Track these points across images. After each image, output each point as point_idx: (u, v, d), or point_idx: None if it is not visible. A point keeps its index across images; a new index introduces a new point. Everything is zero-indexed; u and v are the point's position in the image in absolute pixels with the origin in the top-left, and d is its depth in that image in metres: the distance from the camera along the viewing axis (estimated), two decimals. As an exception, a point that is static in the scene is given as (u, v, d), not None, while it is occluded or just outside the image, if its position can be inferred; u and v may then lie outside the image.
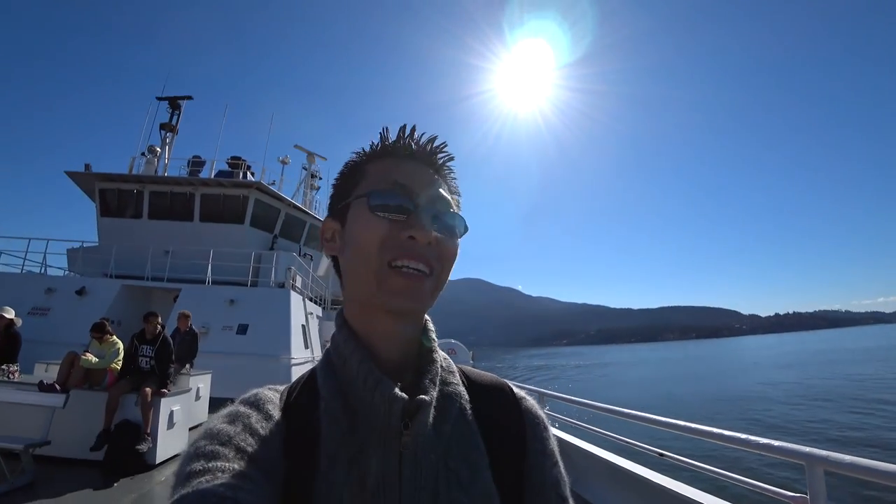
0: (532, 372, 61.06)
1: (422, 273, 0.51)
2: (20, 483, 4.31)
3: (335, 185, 0.62)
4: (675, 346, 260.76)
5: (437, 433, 0.51)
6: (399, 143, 0.58)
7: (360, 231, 0.53)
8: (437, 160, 0.60)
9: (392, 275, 0.50)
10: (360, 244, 0.53)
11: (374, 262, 0.51)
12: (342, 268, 0.59)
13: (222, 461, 0.42)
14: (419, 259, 0.51)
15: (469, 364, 0.70)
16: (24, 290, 11.22)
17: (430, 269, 0.52)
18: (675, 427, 2.85)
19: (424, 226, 0.52)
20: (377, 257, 0.51)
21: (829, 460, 1.99)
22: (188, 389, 6.36)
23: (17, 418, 5.09)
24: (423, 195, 0.55)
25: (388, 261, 0.50)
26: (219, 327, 10.56)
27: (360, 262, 0.52)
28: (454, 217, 0.57)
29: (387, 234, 0.51)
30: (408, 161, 0.58)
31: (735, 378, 38.24)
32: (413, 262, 0.51)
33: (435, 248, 0.52)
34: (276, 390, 0.57)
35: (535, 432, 0.59)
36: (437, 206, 0.55)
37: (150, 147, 16.10)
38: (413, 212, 0.53)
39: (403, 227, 0.52)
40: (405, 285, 0.50)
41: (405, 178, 0.55)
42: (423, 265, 0.51)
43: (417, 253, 0.51)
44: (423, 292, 0.52)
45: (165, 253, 12.54)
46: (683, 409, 21.87)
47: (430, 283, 0.53)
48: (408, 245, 0.51)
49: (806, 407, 21.23)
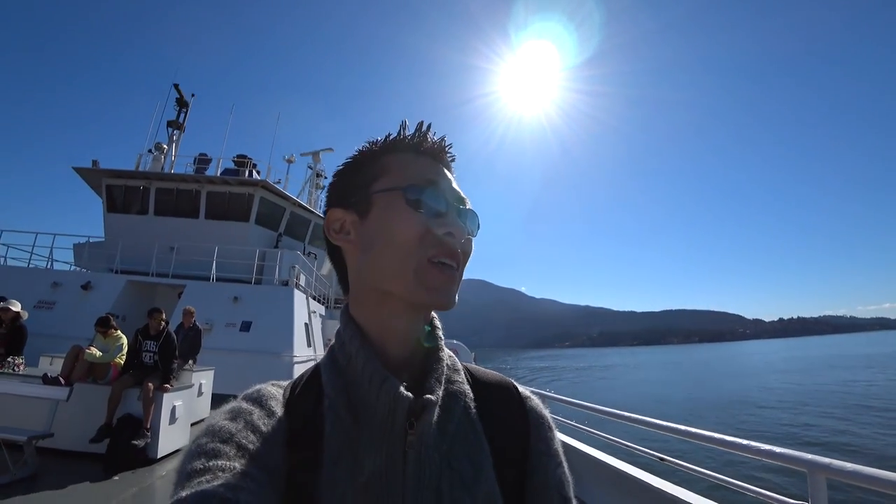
0: (534, 373, 61.00)
1: (454, 269, 0.53)
2: (23, 474, 4.34)
3: (344, 175, 0.60)
4: (678, 350, 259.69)
5: (442, 432, 0.51)
6: (416, 138, 0.58)
7: (397, 225, 0.52)
8: (447, 160, 0.61)
9: (431, 270, 0.51)
10: (396, 238, 0.52)
11: (413, 257, 0.51)
12: (356, 262, 0.57)
13: (223, 459, 0.42)
14: (454, 256, 0.52)
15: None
16: (30, 283, 11.31)
17: (458, 267, 0.53)
18: (675, 431, 2.84)
19: (461, 224, 0.53)
20: (416, 253, 0.51)
21: (832, 468, 1.98)
22: (190, 385, 6.40)
23: (21, 410, 5.12)
24: (451, 193, 0.56)
25: (428, 257, 0.51)
26: (222, 324, 10.61)
27: (394, 256, 0.52)
28: (474, 216, 0.58)
29: (426, 229, 0.51)
30: (427, 158, 0.58)
31: (734, 382, 38.07)
32: (449, 259, 0.52)
33: (463, 246, 0.54)
34: (279, 386, 0.56)
35: (539, 432, 0.59)
36: (463, 207, 0.57)
37: (157, 144, 16.23)
38: (448, 209, 0.54)
39: (441, 223, 0.52)
40: (444, 281, 0.51)
41: (436, 177, 0.56)
42: (456, 262, 0.53)
43: (453, 250, 0.52)
44: (455, 289, 0.53)
45: (171, 249, 12.60)
46: (682, 413, 21.80)
47: (458, 280, 0.54)
48: (444, 242, 0.52)
49: (797, 412, 21.15)
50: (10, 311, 6.18)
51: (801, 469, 2.08)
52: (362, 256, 0.56)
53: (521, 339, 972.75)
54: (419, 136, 0.58)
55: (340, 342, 0.56)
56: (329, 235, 0.59)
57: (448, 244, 0.52)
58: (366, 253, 0.55)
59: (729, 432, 3.00)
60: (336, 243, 0.59)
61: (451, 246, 0.52)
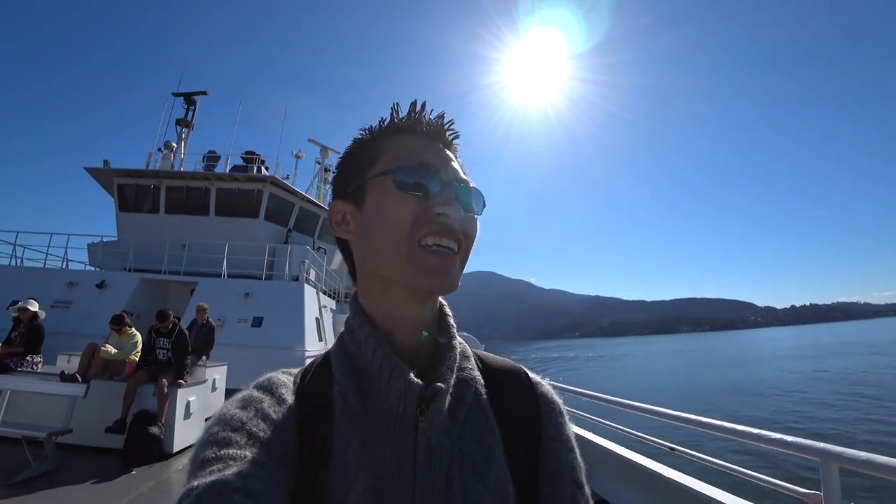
0: (545, 364, 61.03)
1: (452, 251, 0.51)
2: (43, 469, 4.46)
3: (342, 166, 0.60)
4: (687, 338, 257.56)
5: (452, 419, 0.51)
6: (411, 119, 0.57)
7: (388, 209, 0.51)
8: (447, 137, 0.59)
9: (424, 253, 0.50)
10: (388, 223, 0.51)
11: (404, 240, 0.50)
12: (359, 251, 0.57)
13: (234, 448, 0.43)
14: (451, 236, 0.51)
15: None
16: (46, 283, 11.50)
17: (458, 248, 0.52)
18: (685, 421, 2.83)
19: (454, 202, 0.51)
20: (408, 236, 0.50)
21: (844, 457, 1.96)
22: (204, 381, 6.50)
23: (40, 407, 5.25)
24: (445, 172, 0.54)
25: (419, 239, 0.50)
26: (234, 320, 10.72)
27: (388, 241, 0.51)
28: (475, 193, 0.56)
29: (417, 211, 0.50)
30: (422, 138, 0.57)
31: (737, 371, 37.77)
32: (445, 240, 0.50)
33: (461, 225, 0.52)
34: (289, 374, 0.57)
35: (550, 418, 0.59)
36: (460, 184, 0.54)
37: (167, 143, 16.33)
38: (441, 189, 0.52)
39: (433, 204, 0.51)
40: (438, 263, 0.50)
41: (428, 157, 0.54)
42: (454, 242, 0.51)
43: (448, 230, 0.50)
44: (455, 270, 0.51)
45: (182, 247, 12.72)
46: (687, 402, 21.69)
47: (458, 262, 0.52)
48: (438, 222, 0.50)
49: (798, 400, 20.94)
50: (28, 310, 6.30)
51: (814, 458, 2.06)
52: (362, 245, 0.56)
53: (531, 331, 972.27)
54: (413, 117, 0.57)
55: (349, 330, 0.56)
56: (332, 228, 0.59)
57: (442, 224, 0.50)
58: (364, 241, 0.55)
59: (736, 420, 2.98)
60: (339, 236, 0.59)
61: (445, 225, 0.50)
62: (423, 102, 0.58)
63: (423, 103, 0.58)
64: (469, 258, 0.56)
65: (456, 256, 0.52)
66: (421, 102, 0.58)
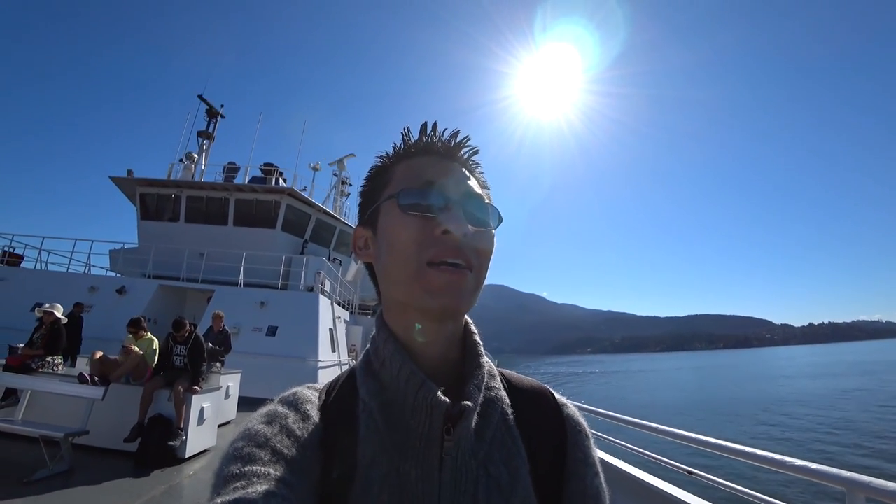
0: (558, 378, 60.09)
1: (461, 268, 0.49)
2: (59, 469, 4.52)
3: (362, 193, 0.61)
4: (701, 356, 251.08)
5: (479, 438, 0.50)
6: (422, 141, 0.57)
7: (394, 232, 0.51)
8: (462, 155, 0.59)
9: (431, 273, 0.48)
10: (395, 245, 0.51)
11: (412, 262, 0.49)
12: (378, 273, 0.58)
13: (258, 465, 0.42)
14: (457, 254, 0.49)
15: None
16: (69, 287, 11.78)
17: (469, 265, 0.50)
18: (705, 444, 2.75)
19: (459, 219, 0.50)
20: (415, 257, 0.49)
21: (872, 487, 1.88)
22: (218, 388, 6.55)
23: (59, 408, 5.35)
24: (453, 190, 0.53)
25: (427, 260, 0.48)
26: (249, 328, 10.82)
27: (397, 264, 0.51)
28: (487, 209, 0.54)
29: (421, 231, 0.50)
30: (434, 158, 0.57)
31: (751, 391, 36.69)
32: (451, 258, 0.48)
33: (471, 241, 0.50)
34: (314, 389, 0.56)
35: (576, 440, 0.58)
36: (469, 200, 0.53)
37: (188, 154, 16.75)
38: (445, 207, 0.51)
39: (437, 223, 0.50)
40: (446, 282, 0.48)
41: (434, 175, 0.54)
42: (462, 260, 0.49)
43: (454, 248, 0.49)
44: (465, 289, 0.49)
45: (200, 255, 12.93)
46: (714, 422, 21.10)
47: (471, 280, 0.50)
48: (444, 240, 0.49)
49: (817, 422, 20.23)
50: (53, 314, 6.48)
51: (840, 487, 1.99)
52: (377, 268, 0.57)
53: (543, 345, 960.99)
54: (424, 139, 0.57)
55: (374, 346, 0.55)
56: (355, 253, 0.60)
57: (447, 241, 0.49)
58: (378, 264, 0.56)
59: (758, 443, 2.88)
60: (361, 260, 0.60)
61: (450, 242, 0.49)
62: (434, 123, 0.58)
63: (434, 124, 0.58)
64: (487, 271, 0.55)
65: (466, 273, 0.49)
66: (432, 123, 0.58)
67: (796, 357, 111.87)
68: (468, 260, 0.50)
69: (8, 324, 9.98)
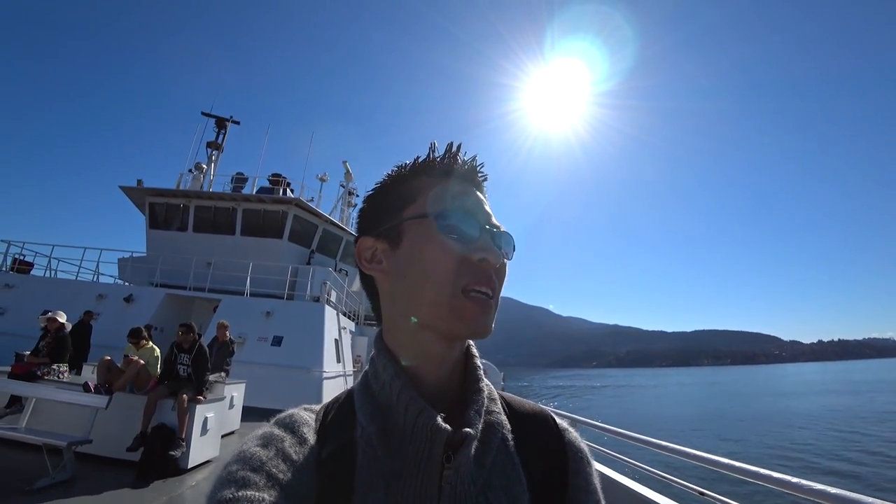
0: (558, 392, 59.50)
1: (489, 297, 0.50)
2: (61, 478, 4.49)
3: (373, 201, 0.58)
4: (710, 371, 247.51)
5: (479, 465, 0.49)
6: (446, 161, 0.57)
7: (430, 254, 0.50)
8: (479, 180, 0.59)
9: (466, 300, 0.48)
10: (430, 267, 0.50)
11: (448, 287, 0.48)
12: (390, 290, 0.55)
13: (252, 490, 0.41)
14: (490, 283, 0.50)
15: (500, 386, 0.67)
16: (77, 295, 11.88)
17: (495, 294, 0.51)
18: (718, 465, 2.68)
19: (494, 248, 0.51)
20: (453, 282, 0.48)
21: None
22: (223, 398, 6.52)
23: (63, 416, 5.34)
24: (485, 219, 0.53)
25: (462, 287, 0.48)
26: (255, 338, 10.82)
27: (428, 286, 0.50)
28: (511, 240, 0.55)
29: (460, 257, 0.49)
30: (458, 180, 0.56)
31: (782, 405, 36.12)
32: (485, 287, 0.49)
33: (499, 271, 0.52)
34: (311, 411, 0.55)
35: (577, 467, 0.56)
36: (498, 230, 0.54)
37: (197, 164, 17.00)
38: (480, 234, 0.51)
39: (475, 249, 0.50)
40: (479, 311, 0.49)
41: (466, 200, 0.54)
42: (491, 289, 0.50)
43: (488, 277, 0.50)
44: (491, 316, 0.50)
45: (207, 265, 13.02)
46: (730, 441, 20.73)
47: (493, 308, 0.51)
48: (480, 269, 0.50)
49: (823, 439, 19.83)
50: (56, 321, 6.50)
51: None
52: (396, 285, 0.54)
53: (548, 358, 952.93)
54: (449, 158, 0.57)
55: (374, 369, 0.54)
56: (361, 265, 0.57)
57: (483, 270, 0.50)
58: (399, 282, 0.53)
59: (775, 464, 2.81)
60: (368, 273, 0.57)
61: (486, 272, 0.50)
62: (459, 144, 0.58)
63: (459, 145, 0.58)
64: None
65: (492, 302, 0.51)
66: (457, 144, 0.58)
67: (805, 374, 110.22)
68: (495, 289, 0.51)
69: (17, 331, 10.06)
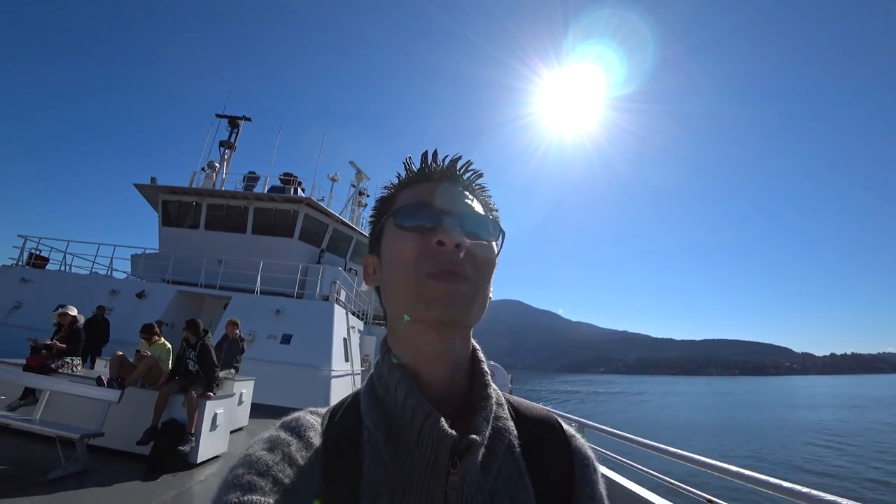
0: (569, 396, 59.09)
1: (458, 278, 0.49)
2: (74, 470, 4.57)
3: (370, 223, 0.63)
4: (715, 382, 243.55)
5: (485, 471, 0.49)
6: (424, 169, 0.59)
7: (393, 248, 0.53)
8: (464, 179, 0.60)
9: (429, 281, 0.48)
10: (395, 261, 0.52)
11: (411, 274, 0.50)
12: (382, 293, 0.58)
13: (258, 494, 0.41)
14: (450, 264, 0.49)
15: (507, 388, 0.68)
16: (91, 290, 12.07)
17: (466, 275, 0.50)
18: (726, 472, 2.66)
19: (451, 230, 0.50)
20: (414, 270, 0.50)
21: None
22: (232, 394, 6.59)
23: (76, 409, 5.43)
24: (448, 206, 0.54)
25: (425, 272, 0.49)
26: (264, 336, 10.90)
27: (399, 279, 0.52)
28: (484, 221, 0.55)
29: (418, 245, 0.51)
30: (435, 183, 0.58)
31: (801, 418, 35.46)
32: (446, 267, 0.49)
33: (467, 253, 0.50)
34: (317, 414, 0.55)
35: (584, 474, 0.56)
36: (464, 214, 0.54)
37: (210, 163, 17.19)
38: (438, 219, 0.52)
39: (432, 235, 0.51)
40: (442, 292, 0.48)
41: (429, 196, 0.55)
42: (457, 270, 0.49)
43: (447, 258, 0.49)
44: (461, 296, 0.49)
45: (219, 262, 13.13)
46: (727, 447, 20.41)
47: (468, 289, 0.49)
48: (438, 252, 0.50)
49: None
50: (68, 315, 6.62)
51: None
52: (383, 289, 0.57)
53: (556, 362, 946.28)
54: (425, 165, 0.59)
55: (379, 374, 0.54)
56: (365, 281, 0.61)
57: (441, 252, 0.50)
58: (383, 285, 0.57)
59: (777, 473, 2.77)
60: (369, 286, 0.61)
61: (444, 253, 0.49)
62: (435, 151, 0.60)
63: (435, 151, 0.59)
64: (491, 285, 0.56)
65: (464, 281, 0.49)
66: (432, 151, 0.60)
67: (816, 387, 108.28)
68: (464, 270, 0.50)
69: (33, 324, 10.25)
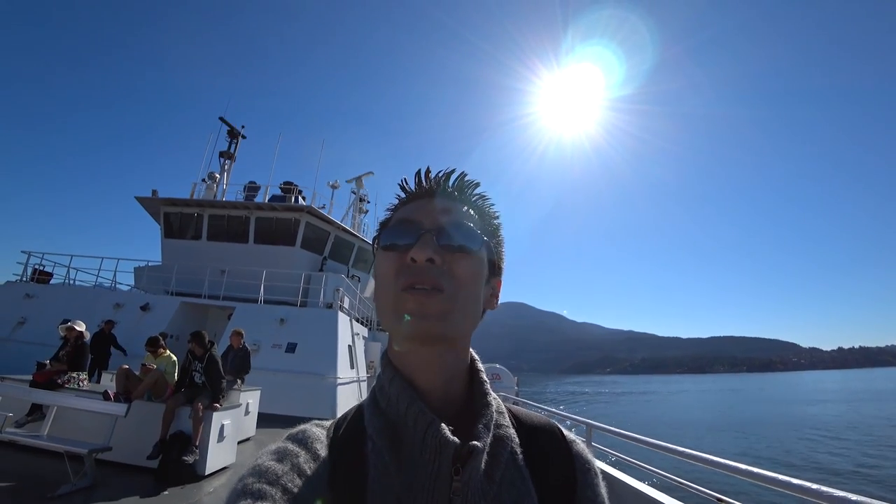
0: (577, 398, 58.83)
1: (430, 292, 0.49)
2: (82, 485, 4.57)
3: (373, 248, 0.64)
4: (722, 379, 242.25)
5: (488, 479, 0.49)
6: (419, 186, 0.60)
7: (378, 269, 0.55)
8: (454, 191, 0.60)
9: (402, 296, 0.49)
10: (379, 280, 0.55)
11: (390, 291, 0.51)
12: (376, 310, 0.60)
13: (268, 502, 0.43)
14: (422, 279, 0.49)
15: (514, 391, 0.68)
16: (95, 303, 12.12)
17: (439, 287, 0.50)
18: (734, 470, 2.64)
19: (422, 246, 0.51)
20: (392, 286, 0.51)
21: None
22: (238, 405, 6.60)
23: (83, 424, 5.43)
24: (426, 223, 0.54)
25: (402, 286, 0.50)
26: (269, 345, 10.90)
27: (381, 297, 0.54)
28: (467, 232, 0.55)
29: (398, 263, 0.52)
30: (422, 199, 0.58)
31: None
32: (418, 283, 0.49)
33: (441, 266, 0.51)
34: (322, 427, 0.57)
35: (586, 479, 0.57)
36: (442, 229, 0.54)
37: (210, 174, 17.27)
38: (411, 237, 0.53)
39: (410, 252, 0.52)
40: (413, 306, 0.49)
41: (412, 214, 0.56)
42: (428, 284, 0.49)
43: (418, 272, 0.50)
44: (433, 309, 0.49)
45: (221, 273, 13.18)
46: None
47: (443, 302, 0.49)
48: (410, 267, 0.51)
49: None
50: (75, 330, 6.63)
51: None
52: (375, 306, 0.59)
53: (562, 364, 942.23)
54: (418, 183, 0.60)
55: (380, 385, 0.56)
56: (375, 303, 0.63)
57: (411, 268, 0.50)
58: (374, 302, 0.59)
59: (787, 471, 2.76)
60: (374, 304, 0.62)
61: (415, 269, 0.50)
62: (427, 168, 0.60)
63: (427, 168, 0.60)
64: (499, 293, 0.59)
65: (435, 295, 0.49)
66: (425, 169, 0.60)
67: (825, 381, 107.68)
68: (435, 283, 0.50)
69: (37, 339, 10.28)
